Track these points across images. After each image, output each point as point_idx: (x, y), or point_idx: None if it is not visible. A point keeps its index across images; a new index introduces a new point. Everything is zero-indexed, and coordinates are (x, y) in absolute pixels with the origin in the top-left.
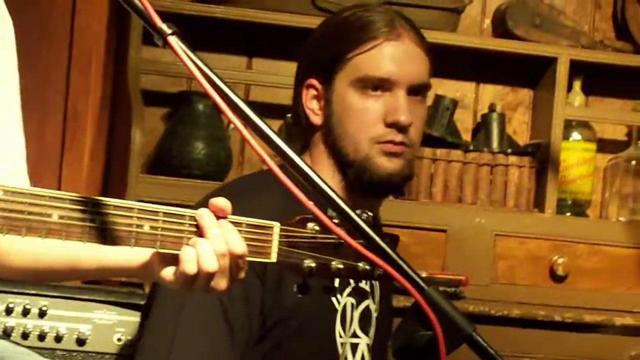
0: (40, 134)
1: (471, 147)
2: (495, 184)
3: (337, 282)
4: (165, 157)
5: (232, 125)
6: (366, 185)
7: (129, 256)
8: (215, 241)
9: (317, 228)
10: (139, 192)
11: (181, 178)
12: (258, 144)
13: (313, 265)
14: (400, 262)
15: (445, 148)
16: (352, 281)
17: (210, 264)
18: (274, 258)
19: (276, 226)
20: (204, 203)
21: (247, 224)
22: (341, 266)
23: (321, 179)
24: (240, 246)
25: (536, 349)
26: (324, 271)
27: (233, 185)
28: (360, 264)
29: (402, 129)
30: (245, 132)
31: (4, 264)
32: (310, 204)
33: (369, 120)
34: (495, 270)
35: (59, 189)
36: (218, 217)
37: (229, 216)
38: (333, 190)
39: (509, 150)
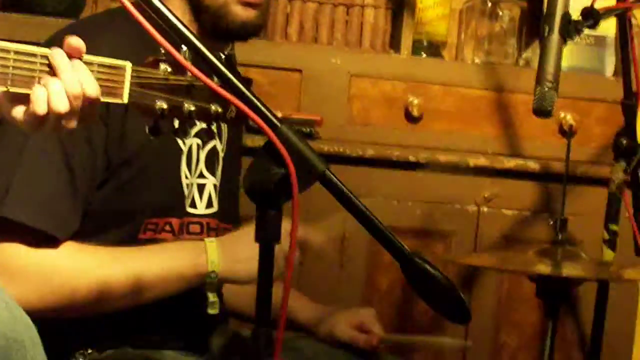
0: None
1: None
2: (351, 25)
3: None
4: None
5: None
6: (220, 32)
7: None
8: (68, 82)
9: (169, 69)
10: None
11: (33, 15)
12: None
13: (165, 106)
14: (254, 100)
15: None
16: (199, 122)
17: (62, 105)
18: (125, 99)
19: (128, 66)
20: (53, 41)
21: (99, 64)
22: (193, 108)
23: (176, 17)
24: (93, 88)
25: (390, 189)
26: (175, 113)
27: (83, 23)
28: (213, 106)
29: None
30: None
31: None
32: (162, 40)
33: None
34: (350, 111)
35: None
36: (71, 57)
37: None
38: (188, 28)
39: None
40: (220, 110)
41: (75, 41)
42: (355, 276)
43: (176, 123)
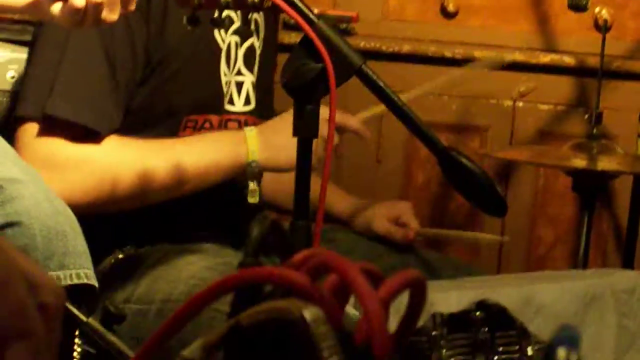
0: None
1: None
2: None
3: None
4: None
5: None
6: None
7: None
8: None
9: None
10: None
11: None
12: None
13: None
14: None
15: None
16: (237, 17)
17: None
18: None
19: None
20: None
21: None
22: None
23: None
24: None
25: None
26: (213, 2)
27: None
28: None
29: None
30: None
31: None
32: None
33: None
34: (386, 7)
35: None
36: None
37: None
38: None
39: None
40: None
41: None
42: (392, 171)
43: (214, 13)
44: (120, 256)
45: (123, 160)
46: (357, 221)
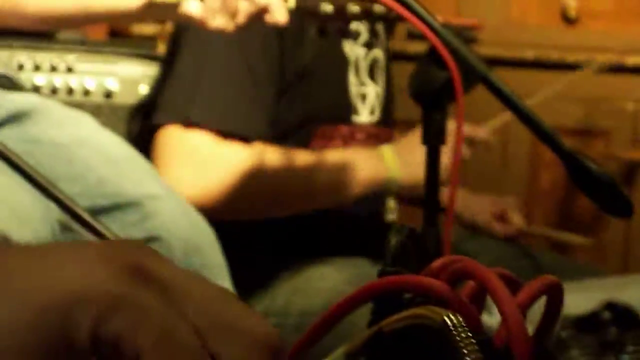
0: None
1: None
2: None
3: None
4: None
5: None
6: None
7: None
8: None
9: None
10: None
11: None
12: None
13: (330, 8)
14: (416, 6)
15: None
16: (363, 29)
17: None
18: (292, 3)
19: None
20: None
21: None
22: (357, 8)
23: None
24: None
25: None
26: (340, 14)
27: None
28: (376, 6)
29: None
30: None
31: (19, 12)
32: None
33: None
34: (508, 14)
35: None
36: None
37: None
38: None
39: None
40: (383, 10)
41: None
42: (518, 175)
43: (341, 24)
44: (257, 268)
45: (265, 166)
46: (465, 214)
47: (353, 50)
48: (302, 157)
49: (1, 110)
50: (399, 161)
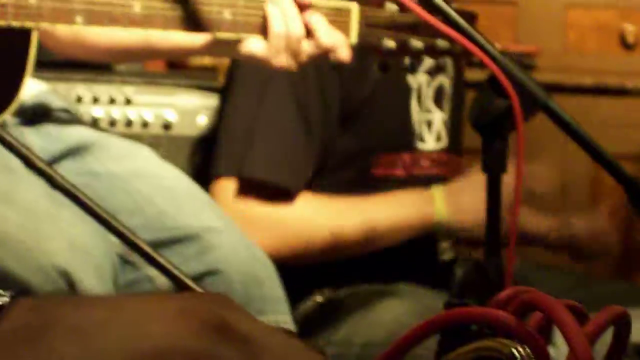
0: None
1: None
2: None
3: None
4: None
5: None
6: None
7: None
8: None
9: (395, 8)
10: None
11: None
12: None
13: (392, 44)
14: (475, 34)
15: None
16: (427, 58)
17: (297, 26)
18: (353, 39)
19: (354, 7)
20: None
21: (327, 8)
22: (420, 44)
23: None
24: (327, 38)
25: (608, 116)
26: (403, 50)
27: None
28: (439, 41)
29: None
30: None
31: (80, 43)
32: None
33: None
34: (566, 41)
35: None
36: (301, 8)
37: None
38: None
39: None
40: (447, 45)
41: None
42: (578, 200)
43: (404, 60)
44: (319, 299)
45: (316, 220)
46: (555, 234)
47: (415, 78)
48: (353, 205)
49: (61, 144)
50: (450, 204)
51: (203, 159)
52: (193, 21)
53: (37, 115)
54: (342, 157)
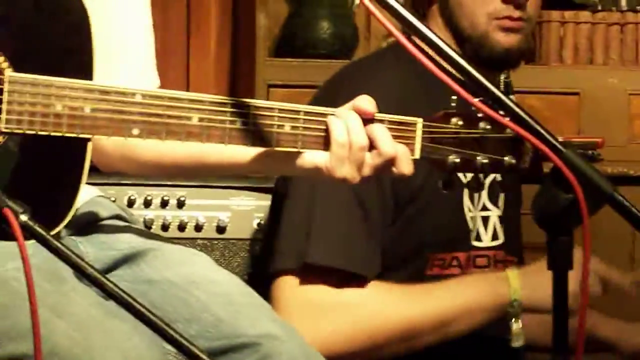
0: (165, 23)
1: (599, 7)
2: (626, 43)
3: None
4: (291, 38)
5: (356, 2)
6: (484, 60)
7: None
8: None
9: (460, 123)
10: (266, 75)
11: (308, 59)
12: (384, 17)
13: (457, 161)
14: (537, 127)
15: (573, 10)
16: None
17: (361, 137)
18: (417, 154)
19: (419, 122)
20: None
21: (390, 121)
22: (486, 161)
23: (451, 48)
24: (390, 148)
25: None
26: (468, 166)
27: (358, 65)
28: (507, 158)
29: (519, 5)
30: (371, 6)
31: (130, 157)
32: (436, 70)
33: None
34: (631, 130)
35: (187, 77)
36: (364, 121)
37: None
38: (465, 60)
39: (639, 8)
40: (513, 161)
41: (365, 103)
42: None
43: (468, 176)
44: None
45: (387, 307)
46: (623, 343)
47: (466, 174)
48: (424, 291)
49: (115, 252)
50: (525, 285)
51: (259, 265)
52: (252, 135)
53: (89, 224)
54: (395, 257)
